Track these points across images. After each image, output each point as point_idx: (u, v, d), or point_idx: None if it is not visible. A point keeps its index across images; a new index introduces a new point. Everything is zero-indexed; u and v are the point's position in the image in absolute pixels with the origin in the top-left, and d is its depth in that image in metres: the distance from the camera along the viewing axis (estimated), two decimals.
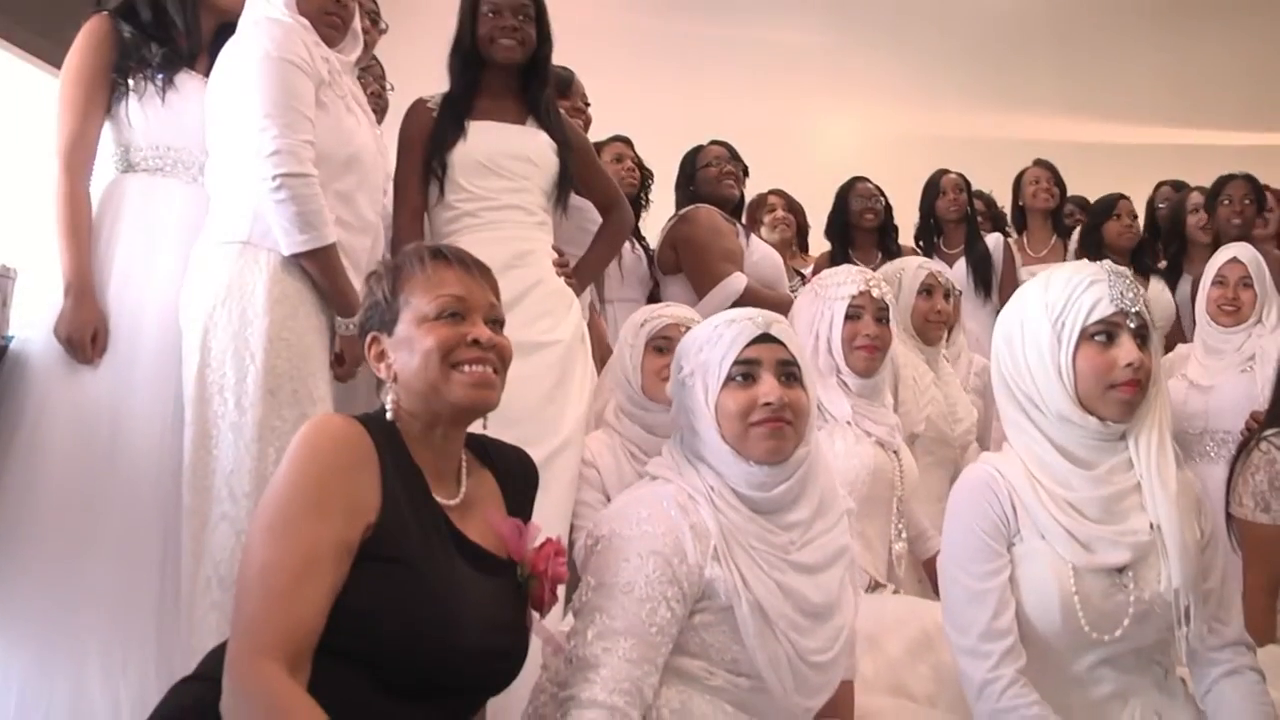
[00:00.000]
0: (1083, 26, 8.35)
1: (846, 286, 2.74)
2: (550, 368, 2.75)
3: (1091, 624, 1.72)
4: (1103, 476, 1.78)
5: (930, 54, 8.00)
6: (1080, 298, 1.76)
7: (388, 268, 1.77)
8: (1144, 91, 8.30)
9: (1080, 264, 1.85)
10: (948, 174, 4.84)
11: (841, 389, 2.70)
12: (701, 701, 1.70)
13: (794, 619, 1.76)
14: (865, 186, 4.69)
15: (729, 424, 1.81)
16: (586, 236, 3.22)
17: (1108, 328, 1.76)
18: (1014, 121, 7.76)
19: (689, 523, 1.74)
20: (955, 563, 1.80)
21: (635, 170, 4.17)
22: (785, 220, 4.50)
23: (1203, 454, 3.39)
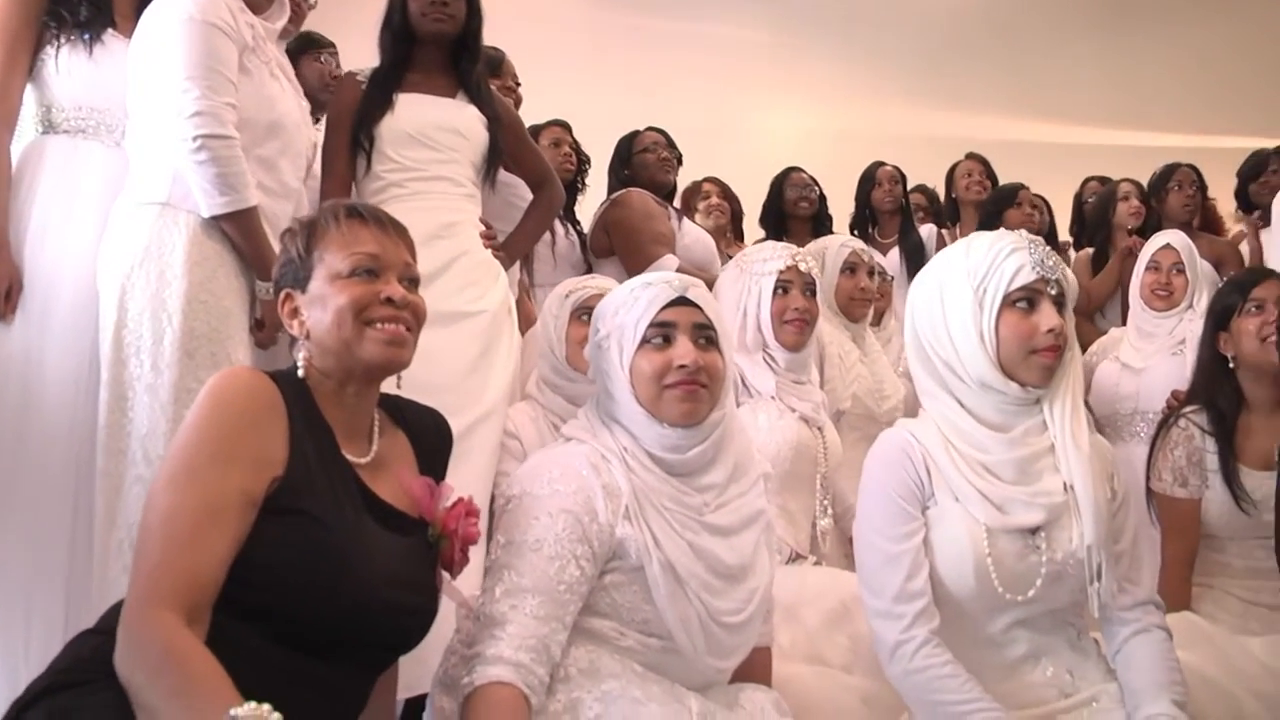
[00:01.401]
0: (1024, 27, 8.47)
1: (774, 262, 2.75)
2: (474, 338, 2.74)
3: (1005, 585, 1.74)
4: (1017, 439, 1.80)
5: (874, 51, 8.08)
6: (1002, 265, 1.78)
7: (303, 225, 1.75)
8: (1083, 92, 8.45)
9: (999, 233, 1.87)
10: (883, 166, 4.93)
11: (767, 365, 2.71)
12: (611, 661, 1.69)
13: (706, 579, 1.77)
14: (800, 176, 4.75)
15: (643, 386, 1.81)
16: (516, 212, 3.22)
17: (1029, 294, 1.78)
18: (955, 119, 7.85)
19: (601, 482, 1.75)
20: (870, 526, 1.81)
21: (572, 155, 4.17)
22: (720, 207, 4.51)
23: (1133, 434, 3.45)
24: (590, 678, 1.65)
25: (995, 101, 8.22)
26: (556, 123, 4.23)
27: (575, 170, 4.19)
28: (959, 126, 7.64)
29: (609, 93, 6.63)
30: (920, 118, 7.85)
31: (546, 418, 2.62)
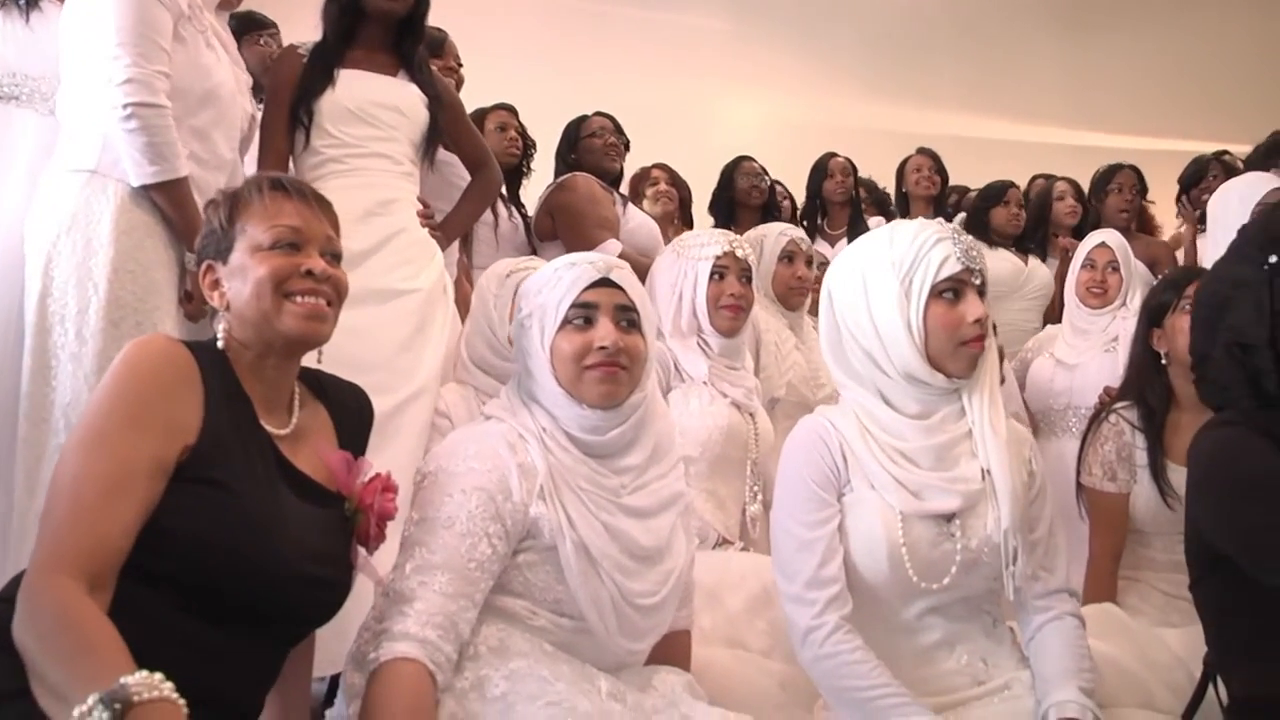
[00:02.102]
0: (982, 25, 8.55)
1: (710, 247, 2.75)
2: (408, 315, 2.73)
3: (919, 573, 1.74)
4: (935, 425, 1.80)
5: (832, 43, 8.12)
6: (929, 255, 1.78)
7: (226, 196, 1.74)
8: (1038, 91, 8.56)
9: (921, 222, 1.86)
10: (835, 157, 4.96)
11: (701, 350, 2.71)
12: (521, 640, 1.69)
13: (620, 560, 1.77)
14: (751, 165, 4.78)
15: (563, 367, 1.81)
16: (456, 192, 3.22)
17: (955, 285, 1.78)
18: (911, 113, 7.91)
19: (517, 461, 1.74)
20: (785, 512, 1.81)
21: (518, 140, 4.17)
22: (668, 194, 4.51)
23: (1065, 429, 3.50)
24: (499, 656, 1.65)
25: (951, 97, 8.29)
26: (502, 106, 4.23)
27: (521, 155, 4.19)
28: (915, 121, 7.69)
29: (565, 77, 6.61)
30: (876, 111, 7.91)
31: (478, 398, 2.62)
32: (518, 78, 6.11)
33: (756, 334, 3.07)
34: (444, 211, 3.08)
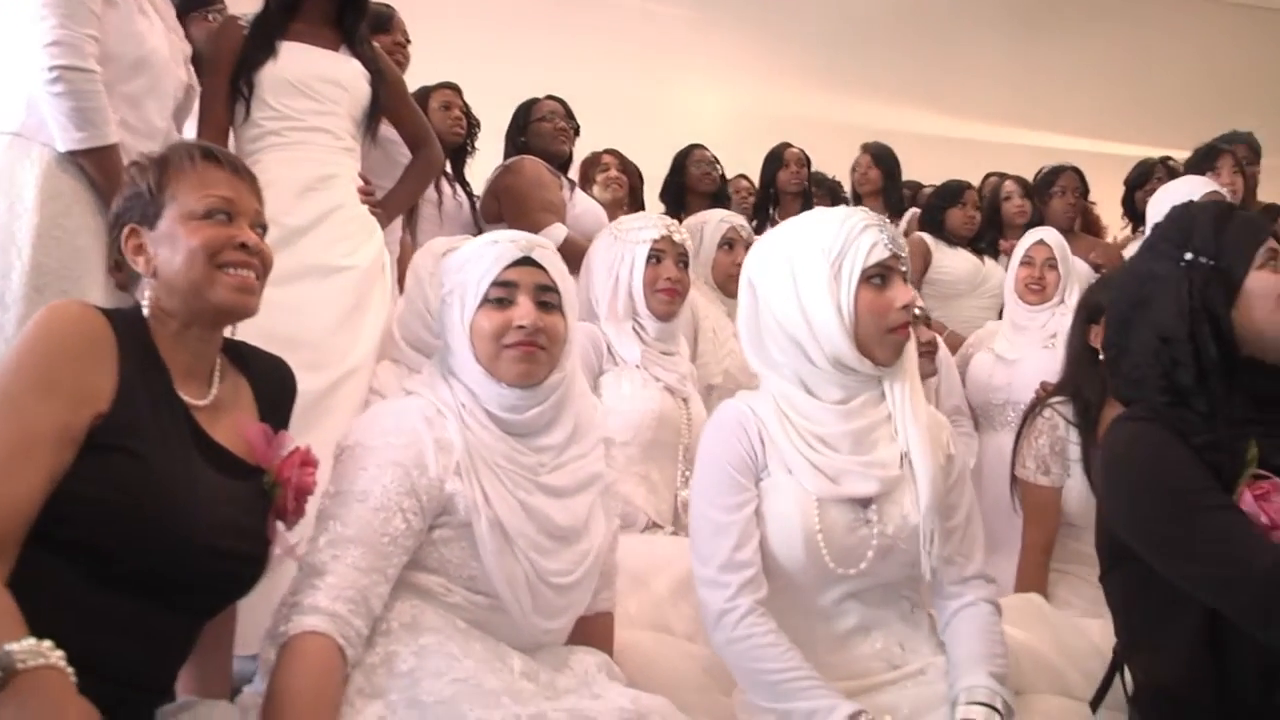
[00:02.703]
0: (938, 22, 8.61)
1: (648, 230, 2.75)
2: (344, 293, 2.71)
3: (834, 558, 1.74)
4: (855, 410, 1.81)
5: (788, 36, 8.14)
6: (858, 240, 1.78)
7: (154, 161, 1.72)
8: (989, 90, 8.64)
9: (846, 210, 1.86)
10: (790, 148, 4.99)
11: (636, 333, 2.71)
12: (434, 616, 1.68)
13: (535, 539, 1.76)
14: (704, 153, 4.79)
15: (482, 345, 1.80)
16: (400, 170, 3.20)
17: (883, 270, 1.78)
18: (864, 108, 7.95)
19: (434, 436, 1.73)
20: (702, 496, 1.81)
21: (463, 118, 4.16)
22: (618, 180, 4.50)
23: (1005, 423, 3.54)
24: (410, 632, 1.64)
25: (905, 93, 8.34)
26: (446, 85, 4.20)
27: (466, 133, 4.18)
28: (868, 115, 7.72)
29: (520, 59, 6.56)
30: (831, 104, 7.93)
31: (412, 376, 2.59)
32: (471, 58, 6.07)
33: (695, 320, 3.08)
34: (386, 189, 3.05)
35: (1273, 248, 1.71)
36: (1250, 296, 1.68)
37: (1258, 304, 1.68)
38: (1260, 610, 1.48)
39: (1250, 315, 1.68)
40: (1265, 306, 1.67)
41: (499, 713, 1.49)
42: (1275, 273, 1.69)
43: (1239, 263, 1.70)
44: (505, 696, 1.54)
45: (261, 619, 1.75)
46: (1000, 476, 2.95)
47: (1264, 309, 1.67)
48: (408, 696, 1.53)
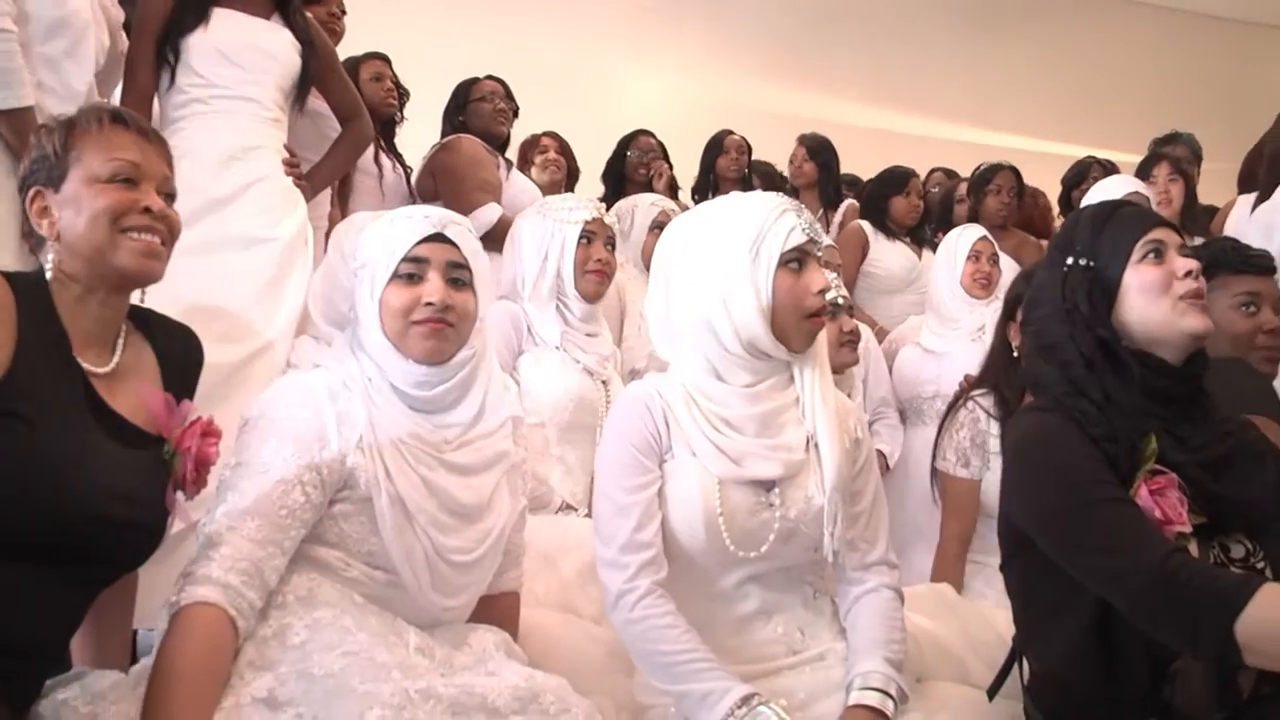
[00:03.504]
0: (889, 18, 8.65)
1: (580, 211, 2.74)
2: (266, 264, 2.68)
3: (735, 541, 1.74)
4: (762, 393, 1.80)
5: (738, 25, 8.14)
6: (775, 225, 1.77)
7: (61, 123, 1.70)
8: (938, 87, 8.70)
9: (762, 195, 1.86)
10: (731, 134, 4.99)
11: (559, 314, 2.71)
12: (331, 590, 1.67)
13: (436, 516, 1.76)
14: (648, 141, 4.77)
15: (391, 320, 1.79)
16: (327, 144, 3.17)
17: (799, 255, 1.78)
18: (814, 100, 7.96)
19: (338, 410, 1.73)
20: (606, 476, 1.80)
21: (394, 90, 4.14)
22: (556, 162, 4.49)
23: (933, 416, 3.53)
24: (305, 605, 1.62)
25: (854, 86, 8.38)
26: (376, 55, 4.18)
27: (397, 105, 4.16)
28: (816, 108, 7.74)
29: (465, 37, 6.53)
30: (779, 95, 7.94)
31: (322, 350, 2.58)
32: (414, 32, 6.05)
33: (622, 304, 3.08)
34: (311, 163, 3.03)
35: (1155, 240, 1.72)
36: (1128, 291, 1.70)
37: (1135, 298, 1.70)
38: (1146, 604, 1.50)
39: (1130, 310, 1.70)
40: (1141, 299, 1.69)
41: (388, 686, 1.48)
42: (1156, 265, 1.70)
43: (1116, 260, 1.72)
44: (396, 671, 1.53)
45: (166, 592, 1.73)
46: (927, 469, 2.98)
47: (1140, 302, 1.69)
48: (298, 669, 1.52)
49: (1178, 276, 1.69)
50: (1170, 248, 1.72)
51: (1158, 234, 1.73)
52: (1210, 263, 2.36)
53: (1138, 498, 1.59)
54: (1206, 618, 1.44)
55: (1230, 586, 1.45)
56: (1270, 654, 1.41)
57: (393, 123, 4.17)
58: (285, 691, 1.49)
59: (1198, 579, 1.47)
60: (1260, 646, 1.41)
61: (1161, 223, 1.76)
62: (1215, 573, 1.51)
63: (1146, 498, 1.59)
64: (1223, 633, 1.41)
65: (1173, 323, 1.68)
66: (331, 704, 1.46)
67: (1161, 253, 1.71)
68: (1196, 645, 1.47)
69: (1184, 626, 1.46)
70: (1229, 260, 2.40)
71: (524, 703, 1.58)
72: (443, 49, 5.87)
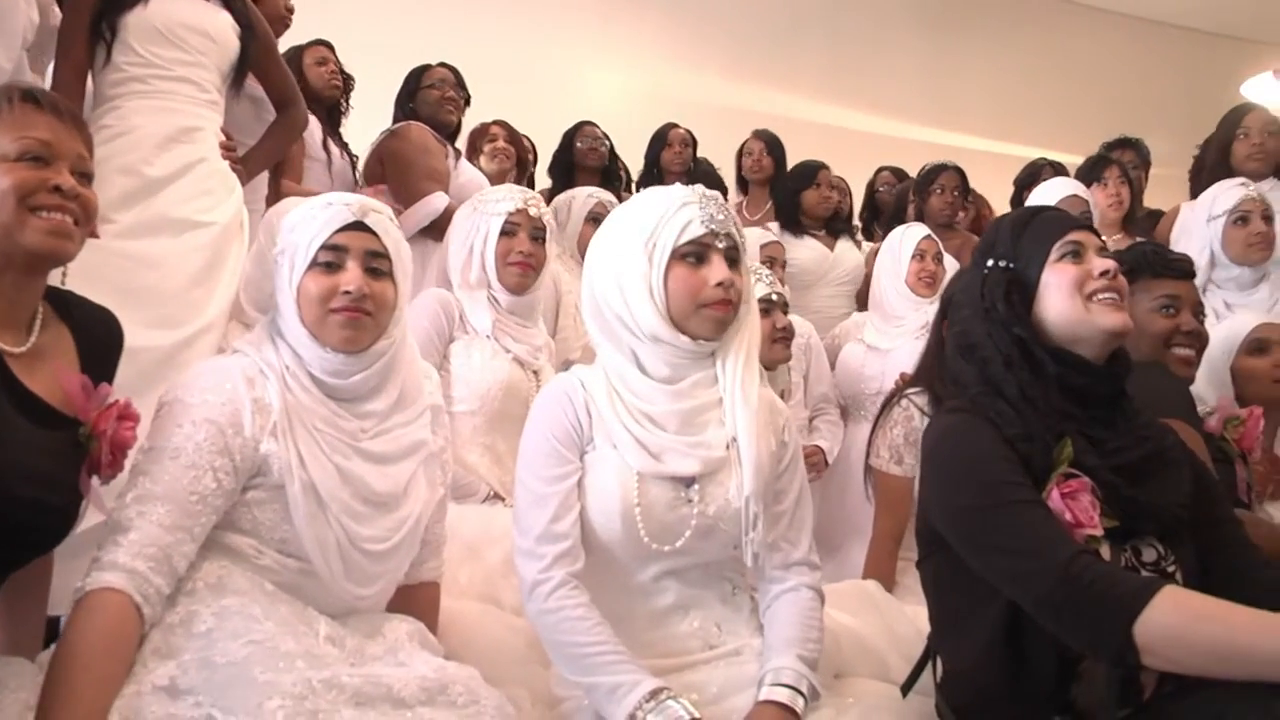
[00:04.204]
0: (847, 16, 8.68)
1: (504, 203, 2.72)
2: (201, 249, 2.66)
3: (651, 534, 1.73)
4: (685, 391, 1.80)
5: (696, 20, 8.14)
6: (672, 219, 1.77)
7: None
8: (898, 86, 8.73)
9: (672, 188, 1.85)
10: (676, 128, 5.02)
11: (490, 304, 2.69)
12: (241, 578, 1.66)
13: (350, 505, 1.75)
14: (592, 129, 4.79)
15: (309, 308, 1.78)
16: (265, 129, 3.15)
17: (698, 248, 1.76)
18: (771, 97, 7.98)
19: (253, 396, 1.72)
20: (526, 466, 1.80)
21: (338, 74, 4.13)
22: (505, 151, 4.48)
23: (875, 413, 3.55)
24: (214, 592, 1.62)
25: (812, 84, 8.40)
26: (319, 42, 4.16)
27: (341, 90, 4.15)
28: (774, 104, 7.76)
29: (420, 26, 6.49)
30: (737, 91, 7.95)
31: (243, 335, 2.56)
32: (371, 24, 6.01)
33: (558, 294, 3.07)
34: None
35: (1073, 241, 1.74)
36: (1046, 290, 1.73)
37: (1052, 295, 1.72)
38: (1050, 604, 1.51)
39: (1048, 308, 1.72)
40: (1057, 298, 1.71)
41: (290, 676, 1.48)
42: (1074, 264, 1.73)
43: (1034, 260, 1.74)
44: (300, 660, 1.52)
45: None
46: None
47: (1057, 299, 1.72)
48: (201, 657, 1.51)
49: (1094, 275, 1.72)
50: (1089, 249, 1.75)
51: (1076, 236, 1.76)
52: (1132, 266, 2.41)
53: (1049, 500, 1.60)
54: (1106, 620, 1.45)
55: (1131, 590, 1.46)
56: (1168, 657, 1.43)
57: (338, 109, 4.15)
58: (186, 680, 1.48)
59: (1100, 582, 1.48)
60: (1158, 649, 1.42)
61: (1080, 225, 1.79)
62: (1118, 575, 1.53)
63: (1058, 500, 1.61)
64: (1121, 635, 1.43)
65: (1089, 319, 1.70)
66: (231, 693, 1.45)
67: (1080, 253, 1.74)
68: (1097, 647, 1.48)
69: (1085, 628, 1.48)
70: (1150, 264, 2.44)
71: (431, 694, 1.57)
72: (399, 39, 5.84)
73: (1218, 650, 1.40)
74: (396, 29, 6.39)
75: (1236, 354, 2.75)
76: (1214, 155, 4.11)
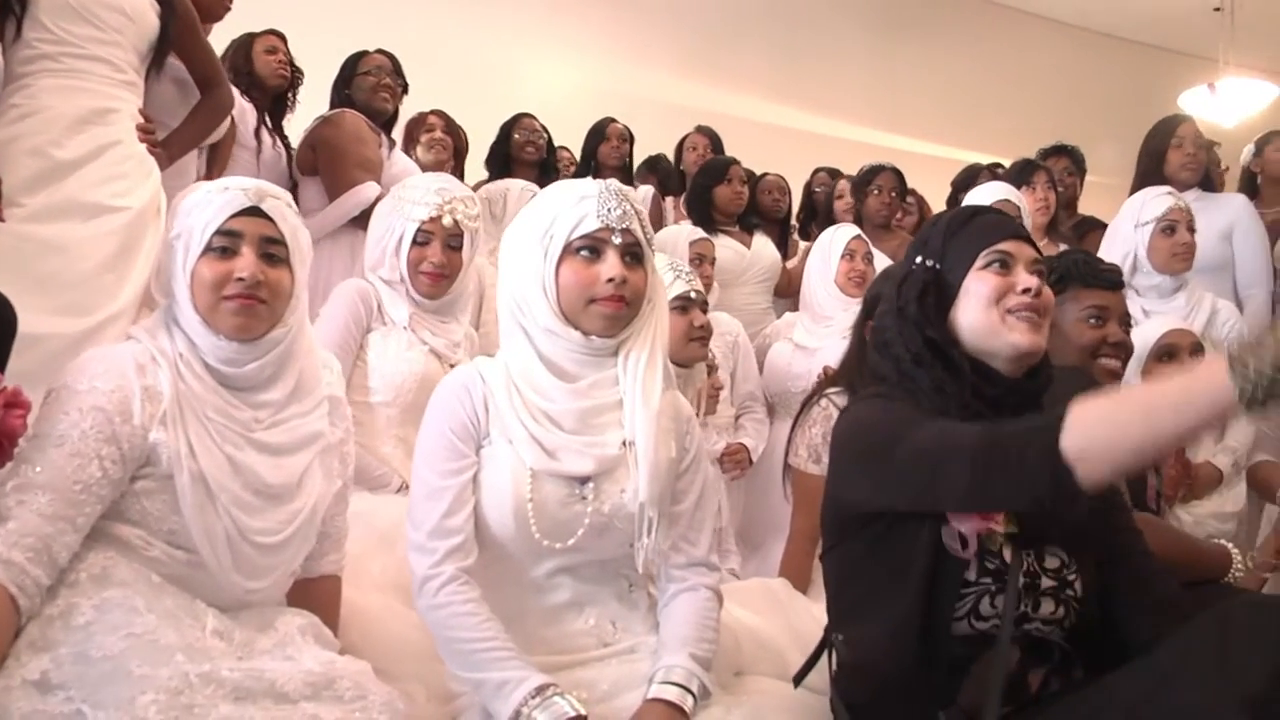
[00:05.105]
0: (795, 17, 8.71)
1: (420, 208, 2.65)
2: (113, 234, 2.59)
3: (543, 531, 1.72)
4: (584, 390, 1.78)
5: (643, 16, 8.13)
6: (567, 213, 1.75)
7: None
8: (844, 88, 8.80)
9: (577, 181, 1.84)
10: (614, 123, 5.04)
11: (409, 296, 2.66)
12: (126, 570, 1.62)
13: (240, 496, 1.72)
14: (530, 122, 4.78)
15: (202, 294, 1.75)
16: None
17: (593, 243, 1.75)
18: (716, 95, 7.99)
19: (143, 384, 1.68)
20: (422, 459, 1.77)
21: (287, 65, 4.05)
22: (441, 141, 4.42)
23: None
24: (97, 584, 1.58)
25: (757, 83, 8.44)
26: (272, 31, 4.09)
27: (289, 81, 4.06)
28: (719, 102, 7.78)
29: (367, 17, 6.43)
30: (682, 88, 7.97)
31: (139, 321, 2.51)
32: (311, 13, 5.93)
33: (481, 288, 3.04)
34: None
35: (1002, 250, 1.72)
36: (965, 295, 1.71)
37: (968, 303, 1.71)
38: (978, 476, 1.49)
39: (963, 314, 1.71)
40: (974, 306, 1.70)
41: (167, 670, 1.45)
42: (998, 274, 1.70)
43: (960, 264, 1.73)
44: (180, 654, 1.49)
45: None
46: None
47: (972, 307, 1.70)
48: (77, 651, 1.47)
49: (1015, 290, 1.69)
50: (1019, 261, 1.72)
51: (1008, 245, 1.73)
52: (1062, 275, 2.42)
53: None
54: (1033, 450, 1.42)
55: (1042, 424, 1.44)
56: (1101, 457, 1.39)
57: (283, 99, 4.07)
58: (59, 674, 1.45)
59: (1012, 430, 1.48)
60: (1090, 454, 1.38)
61: (1016, 236, 1.76)
62: (1023, 424, 1.51)
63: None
64: (1052, 455, 1.39)
65: (1000, 334, 1.68)
66: (104, 688, 1.43)
67: (1008, 264, 1.71)
68: (1036, 484, 1.44)
69: (1016, 474, 1.45)
70: (1080, 273, 2.45)
71: (316, 689, 1.55)
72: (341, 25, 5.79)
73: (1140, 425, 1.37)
74: (338, 15, 6.32)
75: (1147, 360, 2.79)
76: (1147, 162, 4.17)
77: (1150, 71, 9.98)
